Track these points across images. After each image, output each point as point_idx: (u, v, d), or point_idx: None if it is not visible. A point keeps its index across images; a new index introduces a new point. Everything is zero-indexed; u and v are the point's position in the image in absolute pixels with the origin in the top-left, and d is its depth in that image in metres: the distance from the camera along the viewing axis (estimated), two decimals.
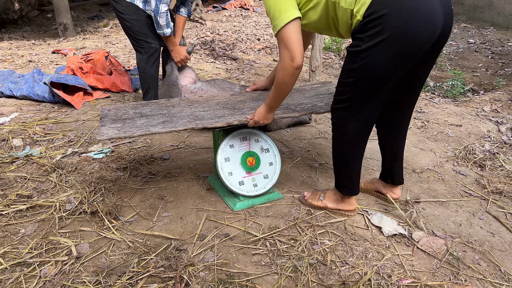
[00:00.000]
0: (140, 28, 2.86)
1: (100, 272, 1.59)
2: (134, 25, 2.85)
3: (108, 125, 1.85)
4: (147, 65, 2.95)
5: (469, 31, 7.63)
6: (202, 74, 4.60)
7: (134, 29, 2.86)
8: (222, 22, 8.48)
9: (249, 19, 8.79)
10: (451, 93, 3.92)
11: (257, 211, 2.01)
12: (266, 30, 7.56)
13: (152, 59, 2.95)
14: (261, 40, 6.75)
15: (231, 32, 7.28)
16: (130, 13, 2.82)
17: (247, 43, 6.46)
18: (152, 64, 2.96)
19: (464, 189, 2.23)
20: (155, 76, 3.00)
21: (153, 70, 2.98)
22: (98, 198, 2.05)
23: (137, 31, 2.86)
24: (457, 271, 1.63)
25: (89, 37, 7.06)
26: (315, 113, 2.01)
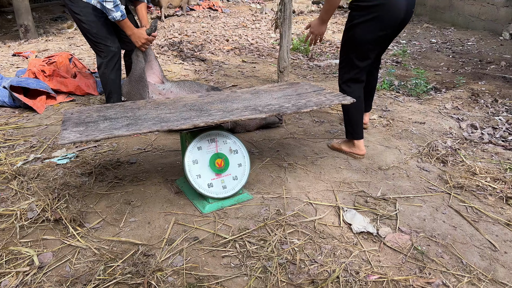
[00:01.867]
0: (98, 30, 2.76)
1: (64, 282, 1.54)
2: (91, 27, 2.75)
3: (70, 128, 1.80)
4: (107, 69, 2.86)
5: (431, 31, 7.88)
6: (170, 75, 4.55)
7: (92, 31, 2.76)
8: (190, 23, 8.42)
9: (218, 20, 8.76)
10: (414, 92, 4.04)
11: (227, 213, 2.01)
12: (235, 31, 7.56)
13: (112, 63, 2.86)
14: (230, 41, 6.75)
15: (200, 33, 7.24)
16: (87, 15, 2.72)
17: (216, 44, 6.44)
18: (113, 68, 2.87)
19: (427, 185, 2.30)
20: (116, 80, 2.91)
21: (114, 75, 2.89)
22: (62, 205, 1.99)
23: (95, 34, 2.76)
24: (422, 265, 1.68)
25: (52, 39, 6.85)
26: (282, 113, 2.02)
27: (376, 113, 3.46)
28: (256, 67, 5.14)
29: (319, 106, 2.10)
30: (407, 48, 6.30)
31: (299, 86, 2.54)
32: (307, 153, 2.67)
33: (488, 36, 7.08)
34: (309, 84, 2.58)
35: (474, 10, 7.75)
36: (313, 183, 2.29)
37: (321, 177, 2.35)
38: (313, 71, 5.04)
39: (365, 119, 2.81)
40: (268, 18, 9.06)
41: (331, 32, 7.71)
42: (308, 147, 2.75)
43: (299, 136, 2.95)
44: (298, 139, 2.90)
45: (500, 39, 6.80)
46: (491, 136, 3.03)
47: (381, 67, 5.25)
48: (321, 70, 5.11)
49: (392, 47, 6.51)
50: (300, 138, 2.92)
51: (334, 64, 5.39)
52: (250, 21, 8.69)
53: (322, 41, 2.75)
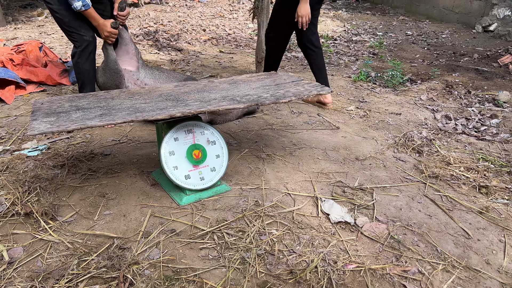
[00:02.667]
0: (71, 19, 2.67)
1: (36, 277, 1.49)
2: (63, 16, 2.66)
3: (40, 119, 1.73)
4: (81, 59, 2.77)
5: (407, 23, 7.98)
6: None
7: (64, 20, 2.67)
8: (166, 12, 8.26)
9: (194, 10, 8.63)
10: (391, 83, 4.08)
11: (205, 204, 1.98)
12: (212, 21, 7.46)
13: (85, 53, 2.77)
14: (207, 31, 6.66)
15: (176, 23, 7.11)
16: (58, 3, 2.63)
17: (193, 34, 6.34)
18: (87, 59, 2.78)
19: (404, 175, 2.33)
20: (90, 71, 2.82)
21: (88, 65, 2.79)
22: (33, 198, 1.91)
23: (67, 23, 2.68)
24: (398, 253, 1.70)
25: (21, 27, 6.60)
26: (260, 104, 2.00)
27: (353, 104, 3.49)
28: (234, 57, 5.09)
29: (298, 96, 2.08)
30: (384, 40, 6.36)
31: (277, 76, 2.53)
32: (285, 144, 2.66)
33: (462, 28, 7.22)
34: (287, 74, 2.56)
35: (448, 3, 7.89)
36: (291, 174, 2.29)
37: (299, 168, 2.35)
38: (291, 62, 5.03)
39: (329, 98, 3.30)
40: (245, 8, 8.98)
41: None
42: (287, 138, 2.75)
43: (278, 127, 2.94)
44: (277, 130, 2.88)
45: (473, 31, 6.94)
46: (464, 126, 3.10)
47: (358, 58, 5.29)
48: (299, 61, 5.10)
49: (369, 38, 6.56)
50: (278, 129, 2.91)
51: None
52: (227, 11, 8.59)
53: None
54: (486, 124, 3.13)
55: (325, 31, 7.03)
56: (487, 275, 1.60)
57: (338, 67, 4.82)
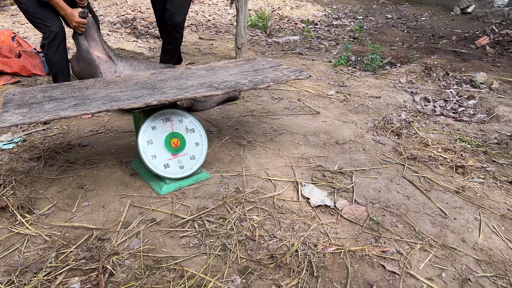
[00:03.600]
0: (35, 9, 2.56)
1: (13, 271, 1.47)
2: (28, 6, 2.55)
3: (12, 110, 1.68)
4: (50, 51, 2.67)
5: (386, 7, 8.00)
6: (123, 54, 4.37)
7: (29, 10, 2.56)
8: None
9: None
10: (371, 67, 4.10)
11: (185, 193, 1.97)
12: (191, 7, 7.34)
13: (54, 44, 2.66)
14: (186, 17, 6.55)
15: None
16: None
17: None
18: (56, 50, 2.68)
19: (383, 157, 2.36)
20: (60, 62, 2.72)
21: (58, 57, 2.70)
22: (8, 192, 1.87)
23: (32, 13, 2.56)
24: (377, 234, 1.73)
25: None
26: (238, 90, 1.98)
27: (333, 88, 3.49)
28: (214, 44, 5.03)
29: (276, 82, 2.07)
30: (364, 24, 6.37)
31: (256, 62, 2.51)
32: (266, 130, 2.66)
33: (441, 11, 7.27)
34: (266, 60, 2.55)
35: None
36: (272, 159, 2.29)
37: (280, 154, 2.35)
38: (272, 47, 5.01)
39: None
40: None
41: (289, 8, 7.65)
42: (267, 124, 2.74)
43: (258, 114, 2.93)
44: (257, 117, 2.88)
45: (451, 14, 7.00)
46: (442, 108, 3.14)
47: (338, 42, 5.28)
48: (279, 46, 5.08)
49: (350, 22, 6.56)
50: (259, 115, 2.90)
51: (292, 41, 5.36)
52: None
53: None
54: (463, 105, 3.18)
55: (306, 16, 7.00)
56: (463, 252, 1.64)
57: (318, 52, 4.81)
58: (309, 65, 4.15)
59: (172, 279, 1.46)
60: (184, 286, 1.43)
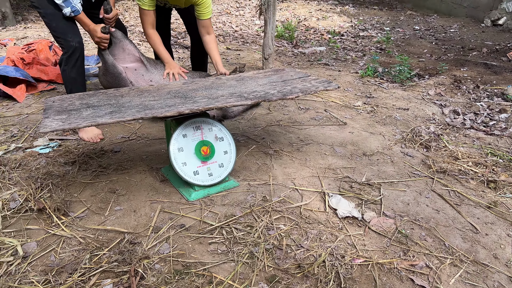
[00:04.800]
0: (57, 23, 2.55)
1: (50, 271, 1.53)
2: (50, 20, 2.55)
3: (52, 116, 1.76)
4: (67, 66, 2.63)
5: (414, 18, 7.93)
6: None
7: (52, 25, 2.56)
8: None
9: None
10: (398, 78, 4.07)
11: (213, 200, 2.01)
12: (219, 18, 7.48)
13: (72, 60, 2.62)
14: (214, 28, 6.67)
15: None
16: (45, 7, 2.52)
17: None
18: (73, 66, 2.63)
19: (411, 170, 2.34)
20: (77, 79, 2.67)
21: (75, 73, 2.65)
22: (45, 195, 1.95)
23: (54, 27, 2.56)
24: (406, 248, 1.71)
25: (31, 26, 6.67)
26: (267, 100, 2.02)
27: (361, 99, 3.49)
28: (241, 54, 5.10)
29: (305, 92, 2.10)
30: (391, 35, 6.33)
31: (284, 72, 2.54)
32: (292, 140, 2.67)
33: (470, 23, 7.16)
34: (294, 70, 2.57)
35: None
36: (298, 169, 2.30)
37: (306, 164, 2.36)
38: (298, 58, 5.04)
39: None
40: (252, 5, 8.97)
41: (315, 19, 7.69)
42: (294, 134, 2.76)
43: (285, 123, 2.95)
44: (284, 126, 2.90)
45: (482, 26, 6.88)
46: (472, 121, 3.09)
47: (365, 54, 5.27)
48: (305, 57, 5.11)
49: (376, 34, 6.53)
50: (285, 125, 2.93)
51: (318, 51, 5.38)
52: (234, 8, 8.59)
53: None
54: (494, 119, 3.11)
55: (332, 27, 7.01)
56: (495, 269, 1.61)
57: (345, 63, 4.81)
58: (336, 76, 4.16)
59: (201, 285, 1.49)
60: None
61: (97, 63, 4.28)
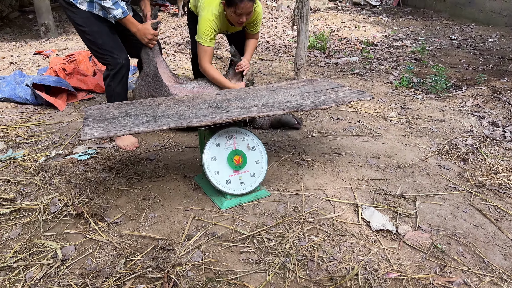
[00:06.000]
0: (104, 40, 2.56)
1: (87, 274, 1.58)
2: (96, 38, 2.55)
3: (92, 125, 1.83)
4: (113, 82, 2.65)
5: (451, 27, 7.74)
6: (187, 73, 4.58)
7: (98, 42, 2.56)
8: None
9: None
10: (434, 89, 3.98)
11: (245, 209, 2.02)
12: None
13: (119, 76, 2.64)
14: None
15: None
16: (91, 25, 2.53)
17: None
18: (119, 82, 2.66)
19: (448, 183, 2.27)
20: (121, 94, 2.71)
21: (120, 88, 2.68)
22: (84, 200, 2.03)
23: (101, 45, 2.56)
24: (442, 263, 1.66)
25: (71, 37, 6.97)
26: (300, 110, 2.02)
27: (395, 110, 3.43)
28: (273, 64, 5.14)
29: (338, 103, 2.09)
30: (426, 45, 6.20)
31: (317, 83, 2.53)
32: (324, 150, 2.66)
33: (511, 32, 6.91)
34: (327, 81, 2.57)
35: (495, 6, 7.59)
36: (331, 180, 2.28)
37: (339, 175, 2.34)
38: (330, 68, 5.01)
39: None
40: (284, 16, 9.03)
41: (348, 30, 7.64)
42: (326, 145, 2.74)
43: (317, 134, 2.94)
44: (316, 137, 2.89)
45: None
46: None
47: (399, 64, 5.19)
48: (338, 67, 5.08)
49: (411, 44, 6.42)
50: (318, 135, 2.91)
51: (351, 62, 5.34)
52: (266, 19, 8.68)
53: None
54: None
55: (365, 37, 6.95)
56: None
57: (378, 73, 4.75)
58: (369, 86, 4.11)
59: None
60: None
61: (133, 73, 4.42)
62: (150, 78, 2.76)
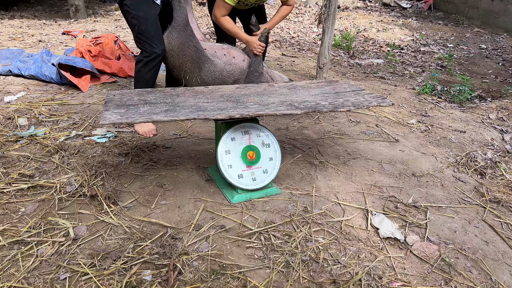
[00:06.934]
0: (147, 27, 2.57)
1: (96, 255, 1.62)
2: (140, 23, 2.55)
3: (112, 110, 1.87)
4: (144, 69, 2.66)
5: (481, 36, 7.56)
6: None
7: (141, 28, 2.57)
8: None
9: None
10: (458, 99, 3.90)
11: (254, 205, 2.03)
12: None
13: (151, 64, 2.65)
14: (271, 33, 6.73)
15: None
16: (139, 9, 2.55)
17: None
18: (150, 70, 2.67)
19: (462, 196, 2.24)
20: (149, 82, 2.72)
21: (150, 75, 2.70)
22: (98, 182, 2.07)
23: (143, 31, 2.58)
24: (448, 277, 1.64)
25: (99, 20, 7.07)
26: (318, 111, 2.01)
27: (415, 117, 3.38)
28: (296, 61, 5.11)
29: (357, 106, 2.07)
30: (454, 53, 6.07)
31: (337, 84, 2.52)
32: (340, 152, 2.65)
33: None
34: (348, 83, 2.55)
35: None
36: (343, 183, 2.28)
37: (352, 178, 2.33)
38: (353, 69, 4.97)
39: None
40: (311, 12, 8.96)
41: (375, 31, 7.53)
42: (342, 147, 2.73)
43: (333, 135, 2.93)
44: (332, 138, 2.87)
45: None
46: None
47: (424, 70, 5.10)
48: (361, 68, 5.02)
49: (438, 50, 6.29)
50: (334, 137, 2.90)
51: (375, 64, 5.28)
52: (293, 14, 8.62)
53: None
54: None
55: (392, 39, 6.84)
56: None
57: (402, 78, 4.68)
58: (391, 91, 4.06)
59: (235, 287, 1.52)
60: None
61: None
62: (181, 26, 2.66)
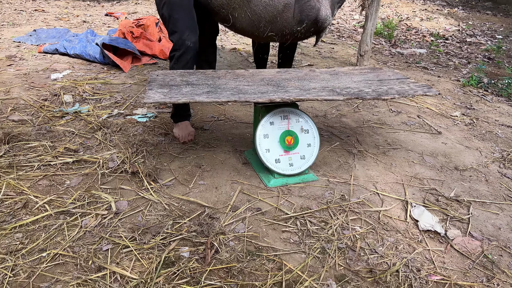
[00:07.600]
0: (179, 15, 2.21)
1: (136, 229, 1.67)
2: (172, 10, 2.19)
3: (155, 89, 1.90)
4: (177, 65, 2.30)
5: None
6: (247, 48, 4.57)
7: (173, 16, 2.20)
8: None
9: None
10: (506, 92, 3.72)
11: (291, 190, 2.03)
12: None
13: (183, 60, 2.28)
14: None
15: None
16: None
17: None
18: (184, 66, 2.30)
19: (508, 193, 2.14)
20: None
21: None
22: (139, 160, 2.12)
23: (175, 20, 2.21)
24: (490, 274, 1.59)
25: (141, 2, 7.17)
26: (361, 98, 1.97)
27: (459, 110, 3.25)
28: (335, 48, 5.02)
29: (401, 95, 2.02)
30: (503, 44, 5.78)
31: (381, 72, 2.45)
32: (379, 142, 2.59)
33: None
34: (392, 71, 2.48)
35: None
36: (382, 173, 2.23)
37: (391, 169, 2.28)
38: (395, 58, 4.82)
39: None
40: None
41: (418, 19, 7.27)
42: (381, 137, 2.67)
43: (373, 124, 2.86)
44: (372, 127, 2.81)
45: None
46: None
47: (470, 61, 4.88)
48: (403, 58, 4.87)
49: (486, 41, 6.01)
50: (373, 126, 2.84)
51: (418, 53, 5.10)
52: None
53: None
54: None
55: (436, 29, 6.58)
56: None
57: (446, 69, 4.51)
58: (434, 82, 3.92)
59: (271, 269, 1.53)
60: (281, 278, 1.48)
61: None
62: None
